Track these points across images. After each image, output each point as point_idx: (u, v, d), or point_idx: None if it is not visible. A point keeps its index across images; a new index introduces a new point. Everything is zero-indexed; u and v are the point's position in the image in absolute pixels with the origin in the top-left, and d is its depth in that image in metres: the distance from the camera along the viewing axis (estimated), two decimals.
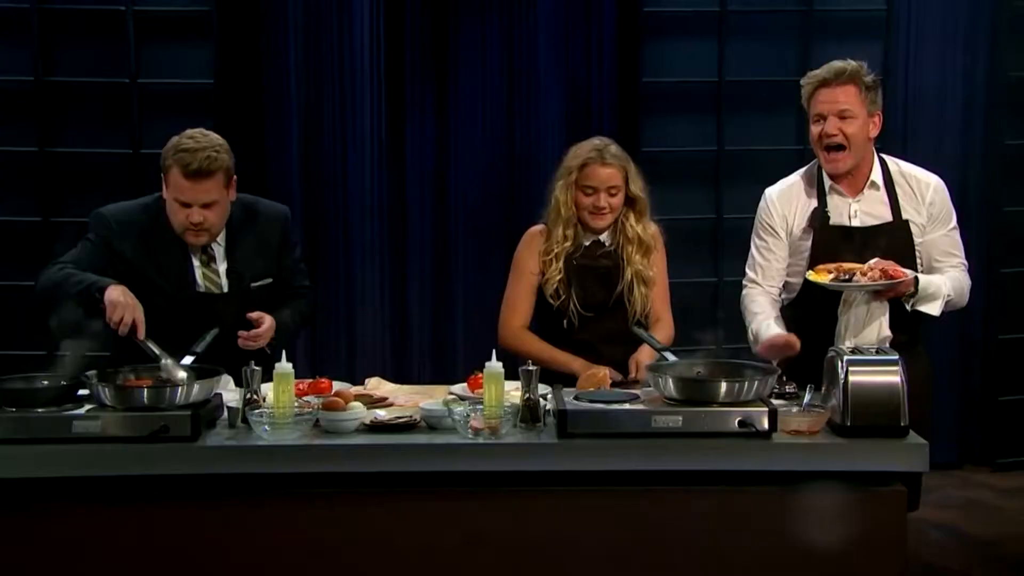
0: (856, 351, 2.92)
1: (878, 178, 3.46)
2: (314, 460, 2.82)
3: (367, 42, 5.35)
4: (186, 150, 3.31)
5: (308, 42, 5.34)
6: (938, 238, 3.46)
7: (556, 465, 2.83)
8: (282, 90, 5.35)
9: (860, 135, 3.40)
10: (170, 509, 2.83)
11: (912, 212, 3.45)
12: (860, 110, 3.39)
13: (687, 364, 3.12)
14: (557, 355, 3.56)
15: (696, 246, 5.56)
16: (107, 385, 2.90)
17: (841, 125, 3.37)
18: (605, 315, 3.61)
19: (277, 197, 5.15)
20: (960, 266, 3.50)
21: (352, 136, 5.38)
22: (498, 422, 2.86)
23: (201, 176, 3.30)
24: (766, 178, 5.56)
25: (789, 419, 2.89)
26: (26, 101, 5.31)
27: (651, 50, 5.50)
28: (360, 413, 2.97)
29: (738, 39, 5.53)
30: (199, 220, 3.34)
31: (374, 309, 5.47)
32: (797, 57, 5.54)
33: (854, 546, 2.81)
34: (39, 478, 2.80)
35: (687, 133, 5.61)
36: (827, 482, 2.81)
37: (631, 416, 2.88)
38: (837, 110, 3.37)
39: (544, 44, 5.44)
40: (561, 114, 5.46)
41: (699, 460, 2.83)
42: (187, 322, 3.31)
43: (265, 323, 3.38)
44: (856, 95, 3.38)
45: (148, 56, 5.34)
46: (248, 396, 2.97)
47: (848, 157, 3.40)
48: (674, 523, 2.85)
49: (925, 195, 3.46)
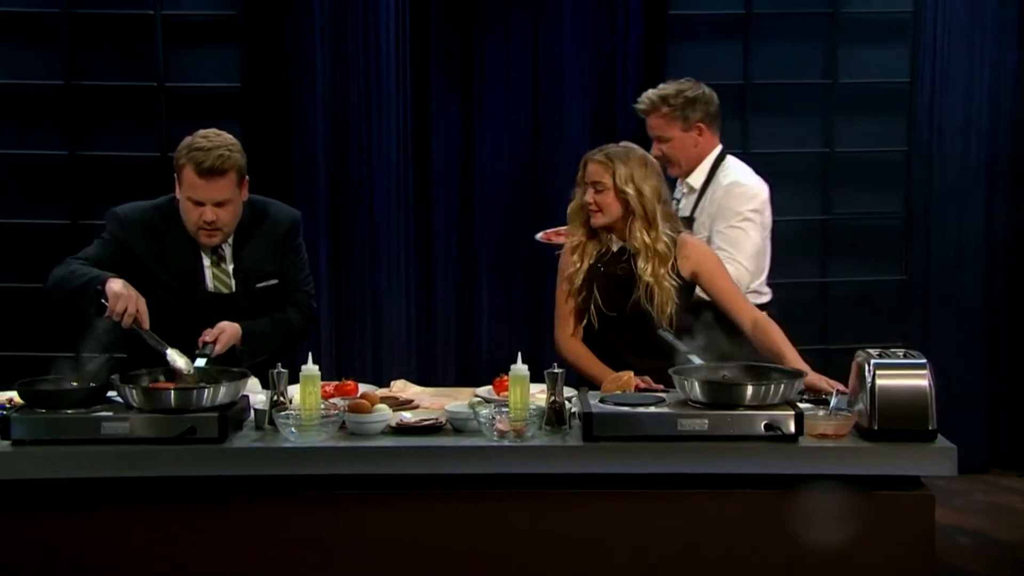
0: (884, 354, 2.90)
1: (695, 181, 4.06)
2: (340, 462, 2.83)
3: (393, 45, 5.36)
4: (199, 148, 3.32)
5: (334, 46, 5.35)
6: (717, 233, 3.94)
7: (581, 468, 2.83)
8: (308, 93, 5.36)
9: (678, 152, 4.04)
10: (196, 510, 2.84)
11: (704, 206, 4.00)
12: (672, 132, 4.03)
13: (713, 367, 3.11)
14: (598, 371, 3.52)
15: None
16: (134, 387, 2.92)
17: (661, 147, 4.03)
18: (627, 324, 3.58)
19: (303, 200, 5.21)
20: (729, 260, 3.82)
21: (378, 139, 5.38)
22: (524, 425, 2.85)
23: (214, 174, 3.31)
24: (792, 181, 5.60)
25: (816, 422, 2.87)
26: (55, 105, 5.36)
27: (676, 53, 5.47)
28: (386, 415, 2.97)
29: (764, 42, 5.51)
30: (212, 219, 3.35)
31: (399, 311, 5.47)
32: (823, 60, 5.52)
33: (881, 551, 2.80)
34: (68, 479, 2.81)
35: None
36: (854, 486, 2.79)
37: (657, 419, 2.87)
38: (655, 135, 4.05)
39: (569, 47, 5.43)
40: (586, 118, 5.45)
41: (725, 463, 2.81)
42: (197, 321, 3.32)
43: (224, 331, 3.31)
44: (663, 123, 4.03)
45: (175, 60, 5.37)
46: (275, 398, 2.98)
47: (677, 168, 4.07)
48: (700, 526, 2.84)
49: (717, 191, 4.01)
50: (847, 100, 5.54)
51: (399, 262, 5.46)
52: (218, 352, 3.24)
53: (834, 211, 5.62)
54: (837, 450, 2.83)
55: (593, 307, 3.57)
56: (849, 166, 5.59)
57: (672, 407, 2.93)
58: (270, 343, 3.48)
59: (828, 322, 5.63)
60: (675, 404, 2.96)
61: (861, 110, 5.56)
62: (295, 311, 3.60)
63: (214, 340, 3.25)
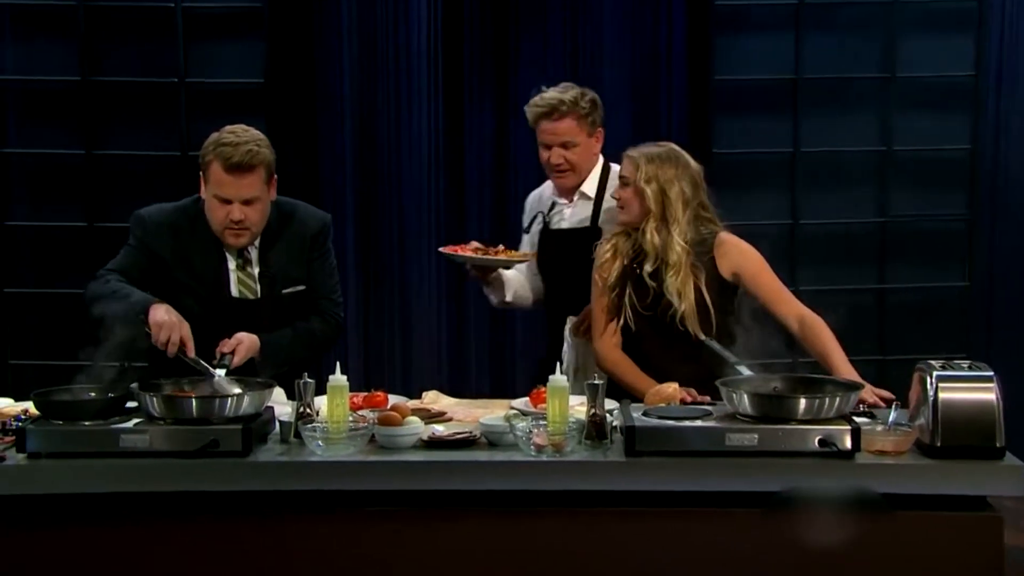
0: (947, 366, 2.88)
1: (589, 188, 3.96)
2: (369, 477, 2.83)
3: (424, 39, 5.39)
4: (227, 144, 3.35)
5: (363, 39, 5.39)
6: None
7: (624, 485, 2.82)
8: (335, 89, 5.40)
9: (582, 158, 3.93)
10: (219, 527, 2.86)
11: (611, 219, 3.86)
12: (580, 137, 3.90)
13: (763, 378, 3.10)
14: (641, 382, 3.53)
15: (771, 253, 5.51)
16: (155, 395, 2.94)
17: (565, 153, 3.89)
18: (664, 326, 3.58)
19: (329, 200, 5.24)
20: None
21: (408, 137, 5.42)
22: (563, 439, 2.86)
23: (243, 170, 3.34)
24: (846, 181, 5.57)
25: (873, 438, 2.86)
26: (71, 101, 5.42)
27: (723, 46, 5.47)
28: (417, 428, 2.98)
29: (817, 33, 5.50)
30: (240, 217, 3.38)
31: (431, 318, 5.49)
32: (881, 52, 5.50)
33: (947, 575, 2.77)
34: (84, 494, 2.83)
35: (762, 134, 5.57)
36: (915, 506, 2.77)
37: (703, 433, 2.86)
38: (559, 141, 3.89)
39: (609, 40, 5.44)
40: (627, 115, 5.45)
41: (776, 481, 2.79)
42: (220, 329, 3.35)
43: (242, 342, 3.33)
44: (575, 126, 3.89)
45: (197, 54, 5.43)
46: (301, 410, 3.00)
47: (574, 177, 3.95)
48: (750, 547, 2.82)
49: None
50: (906, 95, 5.52)
51: (430, 267, 5.48)
52: (236, 364, 3.26)
53: (892, 213, 5.59)
54: (897, 467, 2.81)
55: (628, 306, 3.58)
56: (908, 165, 5.56)
57: (719, 421, 2.92)
58: (291, 355, 3.49)
59: (886, 331, 5.60)
60: (723, 418, 2.95)
61: (921, 105, 5.53)
62: (319, 320, 3.61)
63: (232, 351, 3.28)
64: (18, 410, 3.25)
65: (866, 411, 3.10)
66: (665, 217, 3.54)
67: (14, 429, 2.99)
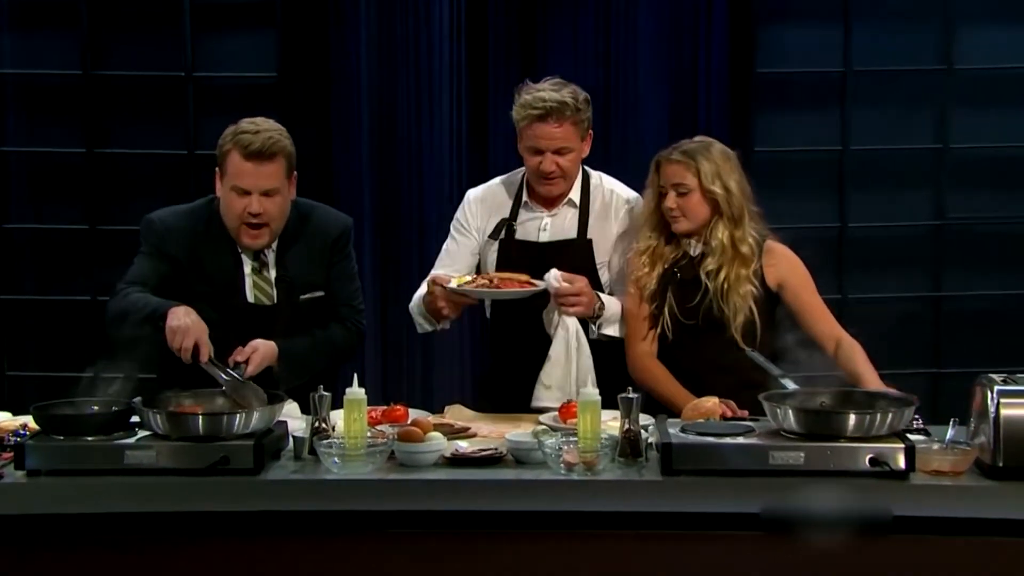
0: (1009, 380, 2.86)
1: (575, 196, 3.82)
2: (389, 497, 2.84)
3: (446, 29, 5.39)
4: (246, 132, 3.39)
5: (381, 30, 5.39)
6: (619, 258, 3.78)
7: (660, 505, 2.82)
8: (352, 83, 5.41)
9: (575, 164, 3.78)
10: (229, 549, 2.86)
11: (598, 230, 3.79)
12: (576, 142, 3.73)
13: (809, 393, 3.09)
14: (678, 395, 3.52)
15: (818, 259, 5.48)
16: (159, 412, 2.95)
17: (559, 160, 3.71)
18: (705, 338, 3.58)
19: (346, 200, 5.25)
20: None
21: (429, 133, 5.42)
22: (595, 456, 2.86)
23: (263, 158, 3.37)
24: (898, 181, 5.54)
25: (930, 457, 2.85)
26: (73, 97, 5.44)
27: (767, 36, 5.46)
28: (440, 445, 2.99)
29: (867, 23, 5.47)
30: (258, 210, 3.39)
31: (453, 327, 5.45)
32: (937, 43, 5.47)
33: None
34: (87, 513, 2.84)
35: (807, 131, 5.56)
36: (974, 531, 2.75)
37: (745, 451, 2.86)
38: (555, 147, 3.70)
39: (645, 30, 5.42)
40: (664, 109, 5.44)
41: (823, 503, 2.78)
42: (234, 336, 3.36)
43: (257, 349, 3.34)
44: (572, 131, 3.71)
45: (205, 47, 5.45)
46: (316, 425, 3.01)
47: (563, 185, 3.79)
48: (794, 573, 2.82)
49: (619, 212, 3.82)
50: (965, 88, 5.49)
51: None
52: (250, 373, 3.27)
53: (949, 215, 5.55)
54: (955, 489, 2.80)
55: (668, 314, 3.58)
56: (967, 163, 5.53)
57: (762, 438, 2.92)
58: (310, 364, 3.50)
59: (942, 342, 5.57)
60: (766, 434, 2.95)
61: (981, 99, 5.50)
62: (340, 328, 3.63)
63: (246, 360, 3.28)
64: (16, 425, 3.26)
65: (921, 428, 3.08)
66: (734, 215, 3.55)
67: (12, 445, 3.00)
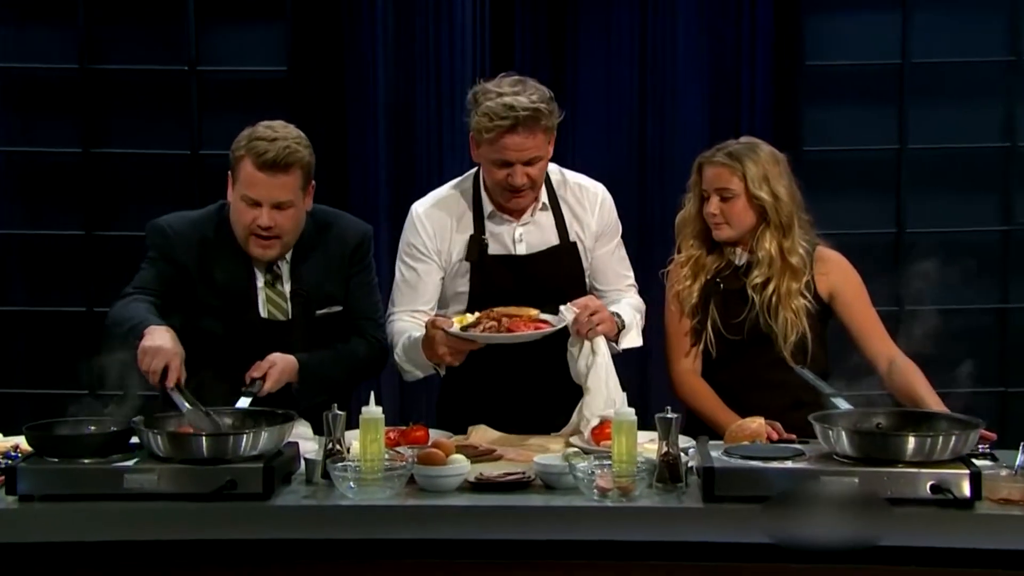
0: None
1: (544, 198, 3.73)
2: (408, 524, 2.85)
3: (469, 22, 5.41)
4: (262, 138, 3.40)
5: (399, 22, 5.43)
6: (605, 255, 3.79)
7: (701, 535, 2.82)
8: (367, 79, 5.44)
9: (543, 172, 3.67)
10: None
11: (578, 229, 3.75)
12: (545, 149, 3.62)
13: (864, 413, 3.09)
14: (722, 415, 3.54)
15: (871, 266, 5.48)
16: (160, 432, 2.96)
17: (529, 171, 3.59)
18: (750, 354, 3.59)
19: (360, 204, 5.27)
20: (633, 287, 3.84)
21: (450, 134, 5.43)
22: (630, 481, 2.86)
23: (277, 169, 3.38)
24: (961, 183, 5.52)
25: (997, 484, 2.83)
26: (69, 93, 5.50)
27: (816, 26, 5.47)
28: (463, 468, 3.00)
29: (926, 11, 5.48)
30: (268, 224, 3.41)
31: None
32: (1003, 33, 5.47)
33: None
34: (83, 542, 2.85)
35: (860, 128, 5.56)
36: None
37: (793, 476, 2.85)
38: (525, 159, 3.57)
39: (684, 22, 5.45)
40: (704, 107, 5.46)
41: (880, 533, 2.78)
42: (246, 354, 3.38)
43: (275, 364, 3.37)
44: (543, 139, 3.59)
45: (210, 39, 5.50)
46: (330, 446, 3.02)
47: (532, 195, 3.69)
48: None
49: (594, 207, 3.78)
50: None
51: None
52: (268, 390, 3.29)
53: (1018, 220, 5.54)
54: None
55: (711, 329, 3.58)
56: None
57: (813, 462, 2.92)
58: (332, 380, 3.51)
59: (1009, 358, 5.56)
60: (816, 459, 2.94)
61: None
62: (362, 343, 3.65)
63: (263, 376, 3.30)
64: (8, 446, 3.29)
65: (987, 452, 3.08)
66: (782, 223, 3.55)
67: (4, 468, 3.01)
